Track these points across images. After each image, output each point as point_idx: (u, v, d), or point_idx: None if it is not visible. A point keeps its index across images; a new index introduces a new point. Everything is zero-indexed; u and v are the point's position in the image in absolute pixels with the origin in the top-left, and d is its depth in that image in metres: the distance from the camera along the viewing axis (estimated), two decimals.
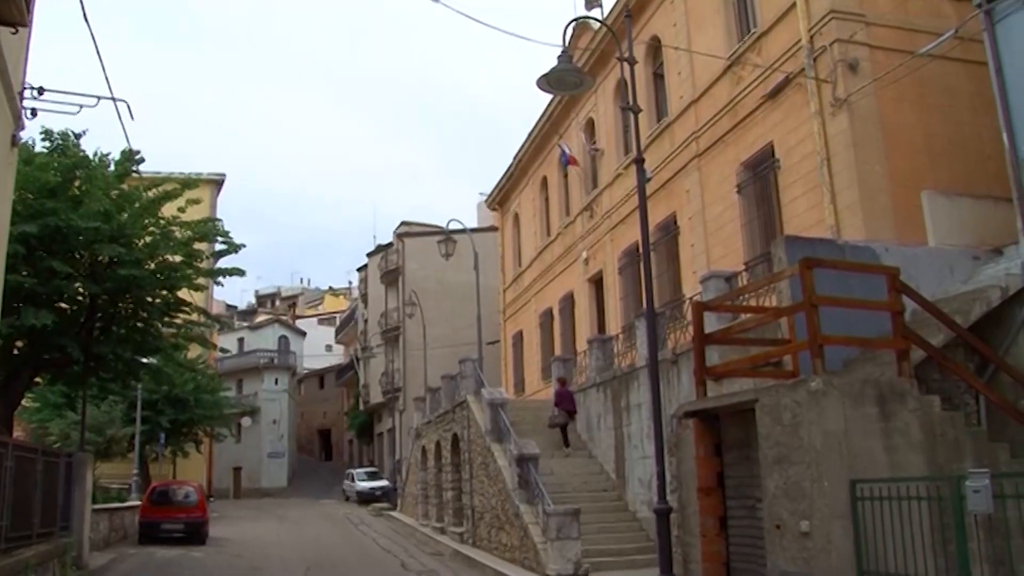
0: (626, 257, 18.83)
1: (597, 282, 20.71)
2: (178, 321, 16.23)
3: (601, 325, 20.15)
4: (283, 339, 54.30)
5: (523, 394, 24.37)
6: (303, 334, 57.40)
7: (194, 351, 21.66)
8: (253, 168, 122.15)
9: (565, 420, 15.82)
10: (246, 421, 45.77)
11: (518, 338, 26.73)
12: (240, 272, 16.06)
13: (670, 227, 16.60)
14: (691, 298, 11.91)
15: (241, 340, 53.24)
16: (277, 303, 75.51)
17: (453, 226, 22.39)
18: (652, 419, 9.40)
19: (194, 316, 16.71)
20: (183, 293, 15.90)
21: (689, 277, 15.34)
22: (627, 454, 13.48)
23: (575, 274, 21.84)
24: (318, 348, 61.04)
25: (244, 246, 15.95)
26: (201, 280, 16.25)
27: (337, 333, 60.14)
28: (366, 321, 46.89)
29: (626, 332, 16.03)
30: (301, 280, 79.62)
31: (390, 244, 43.37)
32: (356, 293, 56.66)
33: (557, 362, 17.74)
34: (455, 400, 18.31)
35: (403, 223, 44.09)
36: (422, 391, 25.27)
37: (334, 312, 68.31)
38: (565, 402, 15.87)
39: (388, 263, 41.92)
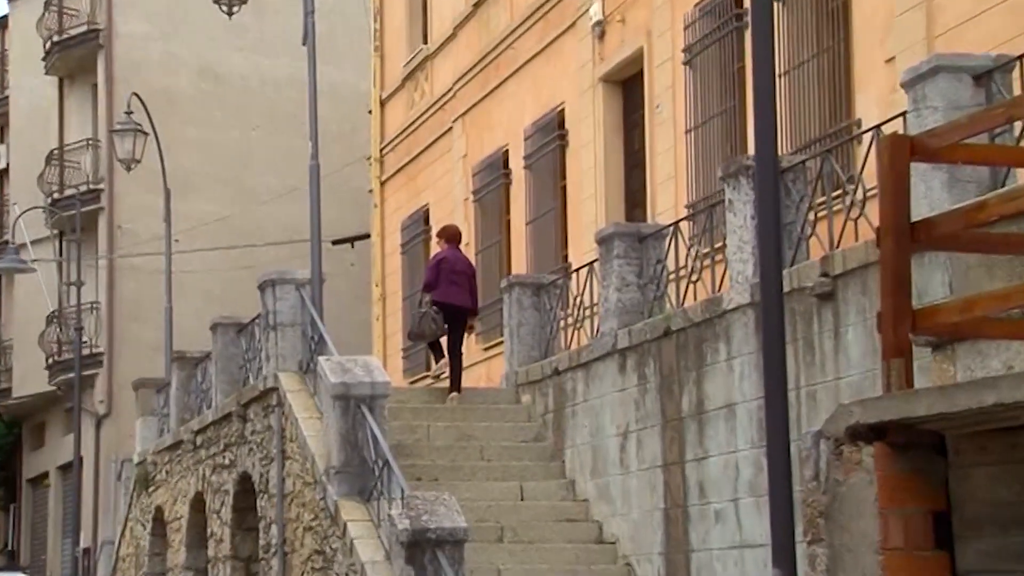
0: (706, 21, 19.12)
1: (627, 83, 21.96)
2: None
3: (634, 196, 21.30)
4: None
5: (429, 370, 24.95)
6: None
7: None
8: None
9: (440, 331, 18.54)
10: None
11: (417, 227, 28.71)
12: None
13: None
14: (878, 127, 12.59)
15: None
16: None
17: None
18: (765, 442, 9.82)
19: None
20: None
21: (874, 70, 16.35)
22: (695, 532, 14.32)
23: (569, 62, 23.30)
24: None
25: None
26: None
27: None
28: (3, 174, 48.98)
29: (699, 217, 16.81)
30: None
31: None
32: None
33: (517, 290, 19.12)
34: (248, 391, 19.13)
35: None
36: (156, 366, 26.99)
37: None
38: (449, 284, 18.31)
39: (64, 20, 43.29)
